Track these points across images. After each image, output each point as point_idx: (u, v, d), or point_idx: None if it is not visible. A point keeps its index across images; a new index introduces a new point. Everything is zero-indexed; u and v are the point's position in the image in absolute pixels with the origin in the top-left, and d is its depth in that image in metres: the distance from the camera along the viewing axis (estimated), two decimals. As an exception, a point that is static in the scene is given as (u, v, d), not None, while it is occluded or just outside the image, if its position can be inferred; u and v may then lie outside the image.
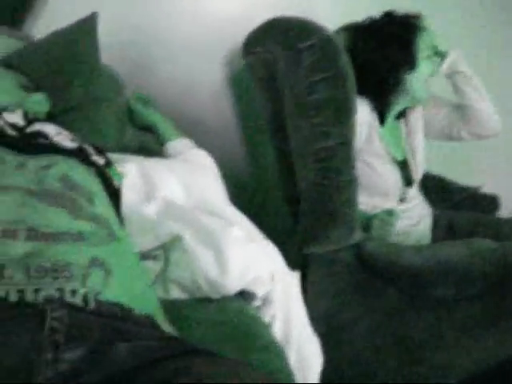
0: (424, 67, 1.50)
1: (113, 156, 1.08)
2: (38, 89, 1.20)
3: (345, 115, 1.36)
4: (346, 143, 1.35)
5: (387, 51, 1.46)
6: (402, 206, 1.58)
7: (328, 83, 1.33)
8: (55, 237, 0.72)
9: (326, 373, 1.07)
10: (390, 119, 1.59)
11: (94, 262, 0.71)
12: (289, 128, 1.40)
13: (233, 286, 0.99)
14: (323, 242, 1.36)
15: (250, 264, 1.01)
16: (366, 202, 1.50)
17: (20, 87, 1.15)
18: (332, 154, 1.34)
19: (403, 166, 1.60)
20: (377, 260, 1.34)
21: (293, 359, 1.02)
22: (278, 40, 1.36)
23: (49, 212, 0.76)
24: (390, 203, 1.55)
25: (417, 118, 1.64)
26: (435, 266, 1.28)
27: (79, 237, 0.74)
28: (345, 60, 1.36)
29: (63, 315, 0.61)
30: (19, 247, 0.69)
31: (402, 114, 1.63)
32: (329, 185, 1.35)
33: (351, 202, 1.37)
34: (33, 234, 0.71)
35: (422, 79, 1.51)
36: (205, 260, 0.98)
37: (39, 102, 1.15)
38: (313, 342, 1.07)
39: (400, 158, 1.59)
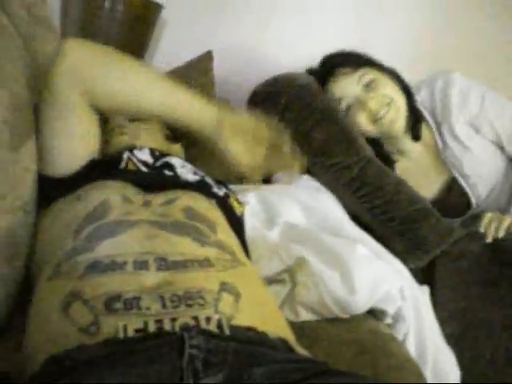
0: None
1: (233, 187, 1.11)
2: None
3: (352, 142, 1.38)
4: (369, 160, 1.37)
5: None
6: None
7: (320, 126, 1.37)
8: (184, 264, 0.74)
9: (465, 373, 1.07)
10: None
11: (224, 287, 0.72)
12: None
13: (362, 304, 1.00)
14: (423, 256, 1.33)
15: (378, 281, 1.01)
16: None
17: (164, 138, 1.21)
18: (364, 178, 1.36)
19: None
20: (510, 249, 1.29)
21: (429, 376, 0.99)
22: (267, 109, 1.35)
23: (175, 241, 0.79)
24: None
25: None
26: None
27: (207, 263, 0.76)
28: (323, 98, 1.41)
29: (200, 342, 0.62)
30: (151, 278, 0.71)
31: None
32: (383, 203, 1.34)
33: (415, 201, 1.35)
34: (163, 263, 0.73)
35: None
36: (332, 280, 0.99)
37: (179, 151, 1.22)
38: (448, 356, 1.05)
39: None
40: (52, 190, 0.93)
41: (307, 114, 1.37)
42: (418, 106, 1.53)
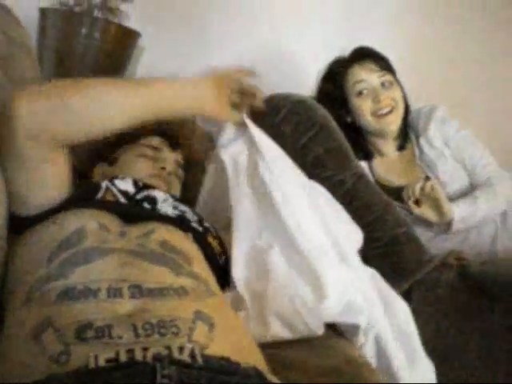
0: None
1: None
2: None
3: (347, 157, 1.42)
4: (361, 176, 1.41)
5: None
6: None
7: (317, 139, 1.40)
8: (159, 292, 0.74)
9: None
10: None
11: (198, 316, 0.72)
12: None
13: (332, 310, 1.00)
14: (402, 281, 1.34)
15: (347, 287, 1.02)
16: None
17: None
18: (356, 193, 1.39)
19: None
20: (483, 279, 1.32)
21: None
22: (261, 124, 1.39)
23: (151, 269, 0.78)
24: None
25: None
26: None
27: (182, 291, 0.76)
28: (321, 112, 1.44)
29: (172, 373, 0.61)
30: (125, 306, 0.70)
31: None
32: (371, 221, 1.37)
33: (400, 224, 1.38)
34: (137, 291, 0.73)
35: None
36: (302, 287, 1.00)
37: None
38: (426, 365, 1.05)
39: None
40: (25, 221, 0.89)
41: (304, 128, 1.40)
42: (408, 122, 1.72)
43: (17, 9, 1.21)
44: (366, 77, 1.65)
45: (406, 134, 1.71)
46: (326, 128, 1.42)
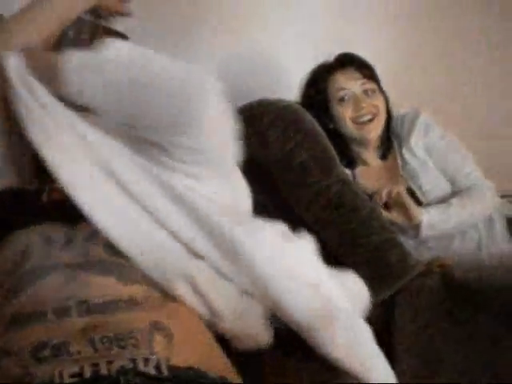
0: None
1: None
2: None
3: (333, 163, 1.43)
4: (346, 182, 1.42)
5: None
6: None
7: (303, 145, 1.41)
8: (107, 306, 0.73)
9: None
10: None
11: (155, 326, 0.72)
12: (292, 202, 1.43)
13: None
14: (386, 288, 1.34)
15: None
16: None
17: None
18: (341, 199, 1.39)
19: None
20: (467, 286, 1.33)
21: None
22: (247, 130, 1.38)
23: (97, 282, 0.78)
24: None
25: None
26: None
27: (132, 302, 0.75)
28: (307, 118, 1.45)
29: (137, 382, 0.62)
30: (76, 324, 0.70)
31: None
32: (356, 227, 1.38)
33: (386, 230, 1.39)
34: (84, 308, 0.73)
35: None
36: None
37: None
38: None
39: None
40: None
41: (291, 133, 1.41)
42: (391, 130, 1.71)
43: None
44: (348, 84, 1.66)
45: (389, 142, 1.71)
46: (312, 134, 1.43)
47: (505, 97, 2.23)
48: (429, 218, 1.54)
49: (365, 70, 1.68)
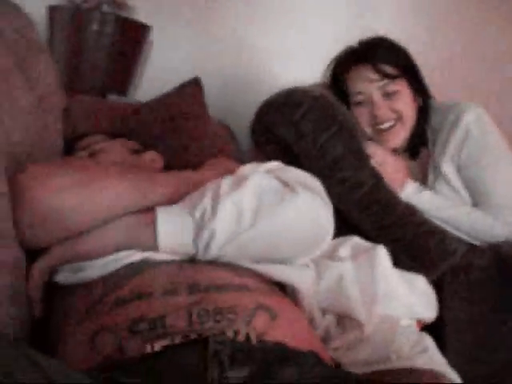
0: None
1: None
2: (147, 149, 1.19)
3: (366, 158, 1.36)
4: (379, 177, 1.35)
5: None
6: None
7: (335, 139, 1.33)
8: (218, 287, 0.73)
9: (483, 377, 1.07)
10: None
11: (260, 306, 0.71)
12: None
13: None
14: (429, 273, 1.27)
15: None
16: None
17: (129, 152, 1.14)
18: (376, 195, 1.33)
19: None
20: None
21: None
22: (278, 121, 1.36)
23: (209, 270, 0.77)
24: None
25: None
26: None
27: (244, 288, 0.75)
28: (341, 110, 1.38)
29: (225, 340, 0.62)
30: (181, 299, 0.70)
31: None
32: (391, 224, 1.32)
33: (422, 223, 1.34)
34: (195, 288, 0.72)
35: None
36: None
37: (153, 159, 1.14)
38: None
39: None
40: None
41: (325, 126, 1.33)
42: (426, 129, 1.49)
43: (23, 8, 1.19)
44: (364, 87, 1.44)
45: (421, 140, 1.49)
46: (345, 126, 1.36)
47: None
48: (408, 193, 1.39)
49: (387, 66, 1.43)
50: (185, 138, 1.34)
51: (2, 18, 1.05)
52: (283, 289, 0.87)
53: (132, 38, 1.73)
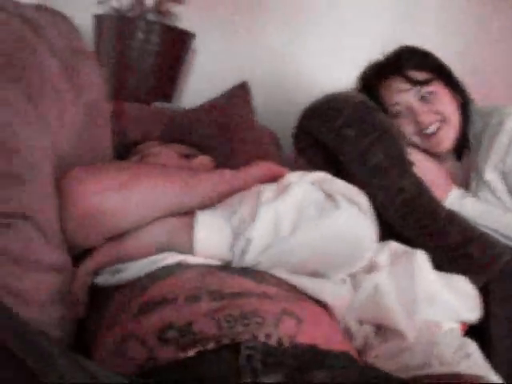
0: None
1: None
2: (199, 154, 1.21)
3: (407, 164, 1.34)
4: (420, 184, 1.33)
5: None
6: None
7: (377, 145, 1.32)
8: (240, 294, 0.72)
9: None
10: None
11: (285, 312, 0.70)
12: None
13: None
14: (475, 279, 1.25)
15: None
16: None
17: (179, 156, 1.15)
18: (417, 202, 1.31)
19: None
20: None
21: None
22: (320, 127, 1.36)
23: (232, 278, 0.76)
24: None
25: None
26: None
27: (265, 296, 0.73)
28: (381, 116, 1.36)
29: (257, 345, 0.62)
30: (204, 305, 0.70)
31: None
32: (434, 231, 1.29)
33: (466, 229, 1.30)
34: (217, 294, 0.71)
35: None
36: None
37: (202, 164, 1.15)
38: None
39: None
40: None
41: (366, 132, 1.32)
42: (468, 132, 1.44)
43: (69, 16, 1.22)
44: (398, 98, 1.41)
45: (464, 144, 1.44)
46: (387, 132, 1.34)
47: None
48: (452, 200, 1.37)
49: (417, 73, 1.40)
50: (234, 142, 1.36)
51: (48, 26, 1.08)
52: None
53: (176, 45, 1.76)
